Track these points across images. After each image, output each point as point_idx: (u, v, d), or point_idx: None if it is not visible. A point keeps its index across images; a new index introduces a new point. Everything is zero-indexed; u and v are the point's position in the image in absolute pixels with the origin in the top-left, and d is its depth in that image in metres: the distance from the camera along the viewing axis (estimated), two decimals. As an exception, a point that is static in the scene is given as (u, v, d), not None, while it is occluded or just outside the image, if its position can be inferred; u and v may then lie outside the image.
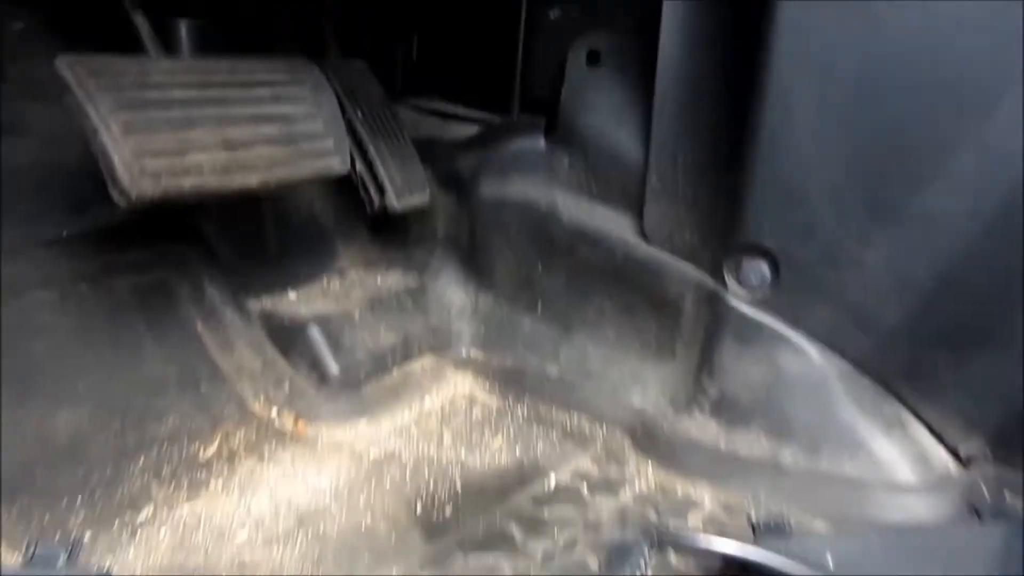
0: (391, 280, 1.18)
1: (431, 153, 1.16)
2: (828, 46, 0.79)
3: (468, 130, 1.20)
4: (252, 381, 0.95)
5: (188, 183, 0.71)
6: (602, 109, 1.05)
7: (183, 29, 1.01)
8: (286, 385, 0.96)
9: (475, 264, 1.17)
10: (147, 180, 0.68)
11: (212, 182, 0.72)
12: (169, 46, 1.00)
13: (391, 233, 1.22)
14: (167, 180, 0.70)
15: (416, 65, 1.32)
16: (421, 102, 1.30)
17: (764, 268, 0.90)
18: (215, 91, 0.76)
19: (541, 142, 1.11)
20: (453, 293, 1.19)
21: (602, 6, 1.09)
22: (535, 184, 1.10)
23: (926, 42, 0.74)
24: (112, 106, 0.67)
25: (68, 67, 0.68)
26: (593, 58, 1.06)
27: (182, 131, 0.71)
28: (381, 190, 1.04)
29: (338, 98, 1.01)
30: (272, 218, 1.10)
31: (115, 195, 0.68)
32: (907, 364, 0.86)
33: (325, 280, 1.17)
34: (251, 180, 0.76)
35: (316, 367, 1.00)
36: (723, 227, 0.91)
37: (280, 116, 0.81)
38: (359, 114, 1.02)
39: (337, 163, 0.86)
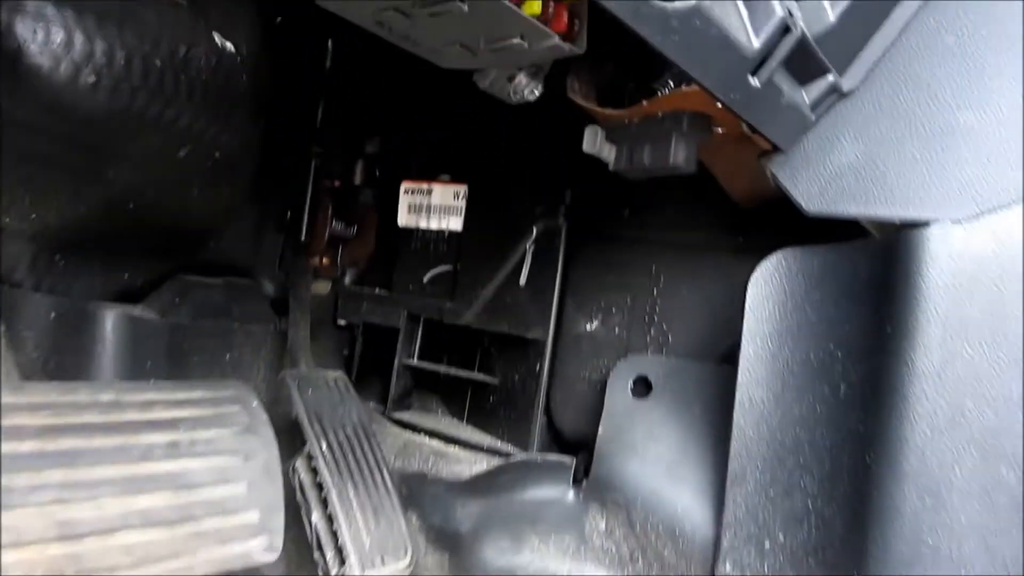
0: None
1: (421, 495, 0.90)
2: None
3: (474, 462, 0.94)
4: None
5: (-26, 608, 0.43)
6: (653, 456, 0.82)
7: (108, 321, 0.78)
8: None
9: (470, 657, 0.85)
10: None
11: (25, 601, 0.44)
12: (86, 346, 0.78)
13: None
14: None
15: (417, 372, 1.08)
16: (417, 418, 1.04)
17: None
18: (72, 440, 0.51)
19: (570, 493, 0.86)
20: None
21: (652, 321, 0.87)
22: (559, 552, 0.83)
23: None
24: None
25: None
26: (641, 387, 0.85)
27: (-12, 514, 0.44)
28: (341, 556, 0.75)
29: (299, 423, 0.76)
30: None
31: None
32: None
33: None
34: (99, 590, 0.48)
35: None
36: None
37: (175, 477, 0.55)
38: (323, 445, 0.77)
39: (259, 548, 0.58)
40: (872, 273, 0.64)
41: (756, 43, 0.51)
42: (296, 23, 0.94)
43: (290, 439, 0.81)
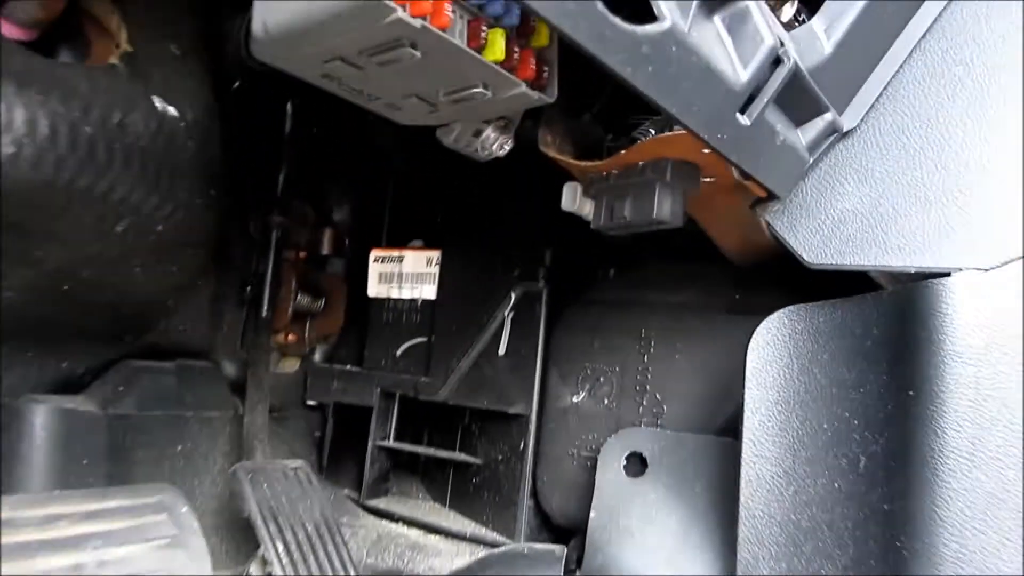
0: None
1: (397, 596, 0.80)
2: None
3: (455, 554, 0.85)
4: None
5: None
6: (651, 542, 0.74)
7: (37, 418, 0.70)
8: None
9: None
10: None
11: None
12: (14, 446, 0.70)
13: None
14: None
15: (394, 454, 1.00)
16: (394, 505, 0.96)
17: None
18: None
19: (561, 587, 0.78)
20: None
21: (644, 390, 0.79)
22: (551, 657, 0.73)
23: None
24: None
25: None
26: (635, 464, 0.78)
27: None
28: (303, 676, 0.66)
29: (252, 523, 0.68)
30: None
31: None
32: None
33: None
34: None
35: None
36: None
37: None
38: (280, 547, 0.69)
39: None
40: (887, 330, 0.57)
41: (744, 75, 0.45)
42: (251, 85, 0.89)
43: (246, 539, 0.73)
